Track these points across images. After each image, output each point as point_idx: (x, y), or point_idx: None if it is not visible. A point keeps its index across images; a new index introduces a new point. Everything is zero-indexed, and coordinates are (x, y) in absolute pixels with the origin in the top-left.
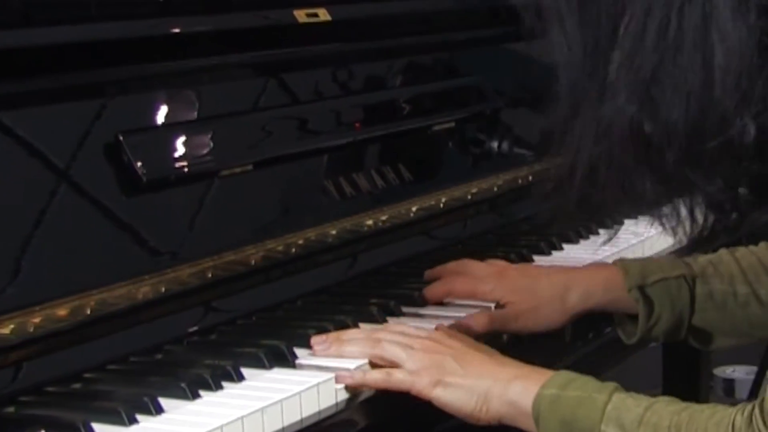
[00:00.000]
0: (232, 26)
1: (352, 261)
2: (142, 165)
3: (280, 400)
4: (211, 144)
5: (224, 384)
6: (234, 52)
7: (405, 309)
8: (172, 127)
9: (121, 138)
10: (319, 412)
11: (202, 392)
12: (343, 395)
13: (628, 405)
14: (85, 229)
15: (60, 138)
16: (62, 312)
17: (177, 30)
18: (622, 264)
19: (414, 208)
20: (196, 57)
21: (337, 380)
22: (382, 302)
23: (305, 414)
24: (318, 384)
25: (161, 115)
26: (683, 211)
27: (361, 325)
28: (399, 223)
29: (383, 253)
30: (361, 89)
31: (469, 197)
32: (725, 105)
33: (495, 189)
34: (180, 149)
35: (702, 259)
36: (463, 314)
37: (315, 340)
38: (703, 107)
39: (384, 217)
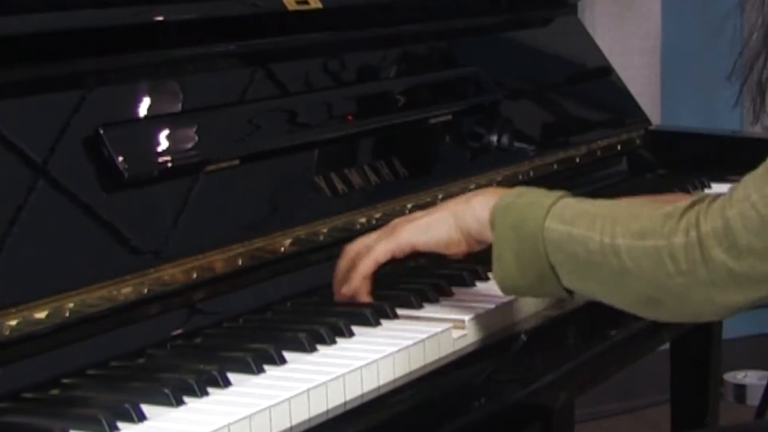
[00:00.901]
0: (218, 14)
1: None
2: (124, 160)
3: (269, 407)
4: (196, 138)
5: (210, 390)
6: (220, 41)
7: (400, 311)
8: (154, 120)
9: (101, 131)
10: (309, 420)
11: (186, 398)
12: (336, 401)
13: (573, 203)
14: (63, 227)
15: (37, 132)
16: (39, 314)
17: (160, 18)
18: None
19: (409, 206)
20: (180, 46)
21: (343, 292)
22: (376, 304)
23: (295, 421)
24: (308, 390)
25: (143, 108)
26: None
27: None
28: None
29: None
30: (353, 80)
31: None
32: None
33: (494, 185)
34: (163, 143)
35: None
36: (462, 316)
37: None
38: None
39: (378, 215)
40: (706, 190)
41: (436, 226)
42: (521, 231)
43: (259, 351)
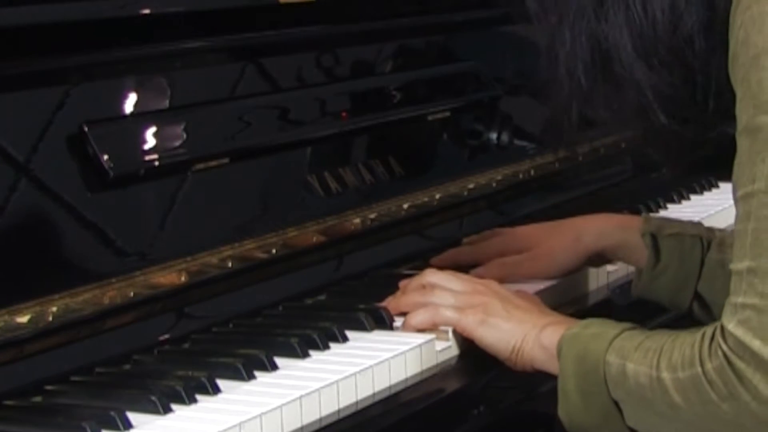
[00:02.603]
0: (207, 7)
1: (338, 263)
2: (109, 158)
3: (260, 415)
4: (184, 135)
5: (198, 397)
6: (209, 36)
7: (397, 317)
8: (141, 117)
9: (85, 129)
10: (302, 428)
11: (174, 406)
12: (329, 409)
13: (634, 335)
14: (46, 229)
15: (19, 129)
16: (21, 318)
17: (147, 11)
18: (644, 215)
19: (405, 206)
20: (168, 41)
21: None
22: (371, 308)
23: (287, 429)
24: (301, 397)
25: (130, 104)
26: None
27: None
28: (389, 221)
29: (372, 254)
30: (347, 76)
31: (466, 193)
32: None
33: (493, 184)
34: (150, 141)
35: (727, 231)
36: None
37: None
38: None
39: (373, 215)
40: (713, 190)
41: (501, 338)
42: (584, 365)
43: (249, 357)
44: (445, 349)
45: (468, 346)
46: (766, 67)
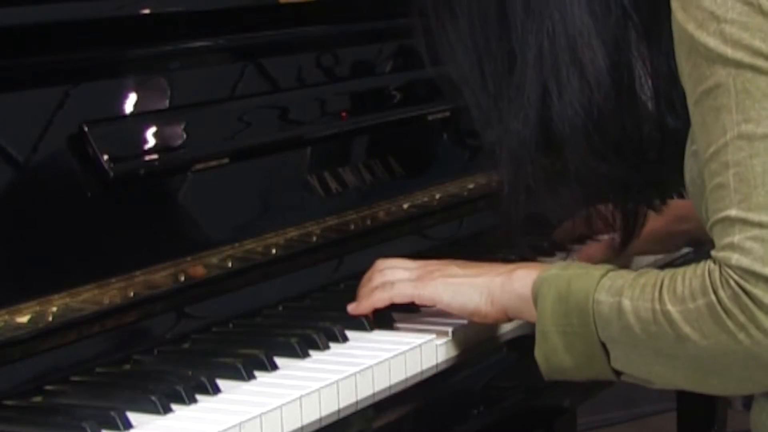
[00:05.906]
0: (207, 7)
1: (338, 263)
2: (109, 158)
3: (260, 415)
4: (184, 135)
5: (199, 397)
6: (209, 36)
7: (396, 315)
8: (141, 117)
9: (85, 129)
10: (302, 428)
11: (174, 406)
12: (329, 409)
13: (622, 273)
14: (46, 228)
15: (18, 129)
16: (21, 318)
17: (147, 11)
18: None
19: (405, 206)
20: (168, 41)
21: (350, 311)
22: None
23: (287, 429)
24: (301, 397)
25: (130, 104)
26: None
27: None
28: (389, 221)
29: (372, 254)
30: (347, 75)
31: (466, 193)
32: (608, 101)
33: (494, 184)
34: (150, 141)
35: None
36: (460, 321)
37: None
38: (590, 108)
39: (373, 215)
40: None
41: (466, 292)
42: (568, 304)
43: (249, 357)
44: (445, 349)
45: (468, 346)
46: (710, 32)
